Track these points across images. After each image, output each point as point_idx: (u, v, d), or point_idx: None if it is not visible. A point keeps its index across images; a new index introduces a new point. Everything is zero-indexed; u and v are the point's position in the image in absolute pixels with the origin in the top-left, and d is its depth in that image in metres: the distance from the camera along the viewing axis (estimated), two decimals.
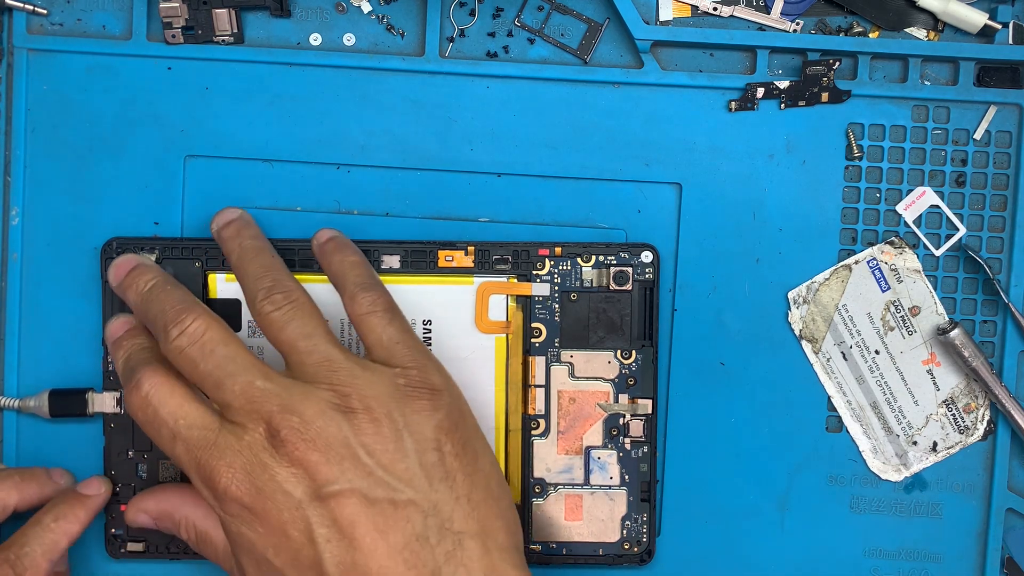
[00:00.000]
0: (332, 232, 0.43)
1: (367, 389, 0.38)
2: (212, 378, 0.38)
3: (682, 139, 0.46)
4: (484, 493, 0.39)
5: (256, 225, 0.43)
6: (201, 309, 0.39)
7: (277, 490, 0.37)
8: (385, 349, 0.40)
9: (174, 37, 0.45)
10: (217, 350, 0.38)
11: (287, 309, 0.39)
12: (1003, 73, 0.46)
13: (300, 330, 0.39)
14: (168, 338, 0.39)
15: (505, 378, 0.45)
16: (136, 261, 0.42)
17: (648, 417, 0.45)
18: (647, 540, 0.46)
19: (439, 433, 0.39)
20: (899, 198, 0.47)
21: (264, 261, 0.41)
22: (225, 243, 0.43)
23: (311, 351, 0.39)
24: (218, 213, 0.44)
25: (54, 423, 0.46)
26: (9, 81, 0.46)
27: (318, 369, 0.38)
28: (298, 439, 0.37)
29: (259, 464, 0.37)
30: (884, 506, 0.47)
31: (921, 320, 0.47)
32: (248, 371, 0.38)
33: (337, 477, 0.37)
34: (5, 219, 0.46)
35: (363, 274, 0.41)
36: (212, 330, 0.39)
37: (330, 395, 0.38)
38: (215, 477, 0.37)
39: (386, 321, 0.40)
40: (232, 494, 0.37)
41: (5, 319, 0.46)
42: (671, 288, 0.46)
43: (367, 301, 0.40)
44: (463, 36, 0.46)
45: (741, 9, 0.46)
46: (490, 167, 0.46)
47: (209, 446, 0.37)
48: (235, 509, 0.37)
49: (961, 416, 0.47)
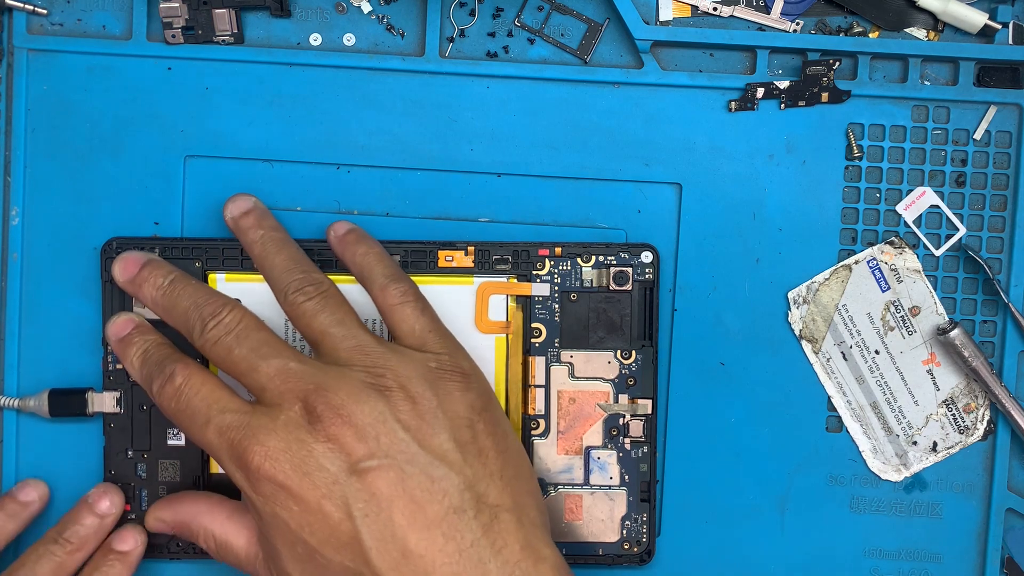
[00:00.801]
0: (350, 224, 0.44)
1: (401, 370, 0.39)
2: (247, 362, 0.39)
3: (682, 139, 0.46)
4: (515, 470, 0.40)
5: (272, 214, 0.44)
6: (232, 300, 0.40)
7: (314, 466, 0.37)
8: (417, 338, 0.41)
9: (174, 37, 0.45)
10: (252, 335, 0.39)
11: (319, 299, 0.40)
12: (1003, 73, 0.46)
13: (332, 317, 0.40)
14: (205, 329, 0.39)
15: (505, 378, 0.45)
16: (145, 257, 0.43)
17: (648, 417, 0.45)
18: (647, 540, 0.46)
19: (471, 412, 0.39)
20: (899, 198, 0.47)
21: (290, 253, 0.42)
22: (245, 233, 0.43)
23: (345, 336, 0.39)
24: (230, 200, 0.44)
25: (54, 423, 0.46)
26: (9, 81, 0.46)
27: (352, 353, 0.39)
28: (335, 415, 0.37)
29: (295, 441, 0.37)
30: (884, 506, 0.47)
31: (921, 320, 0.47)
32: (282, 354, 0.39)
33: (374, 452, 0.37)
34: (5, 219, 0.46)
35: (390, 265, 0.42)
36: (247, 318, 0.40)
37: (365, 375, 0.38)
38: (248, 456, 0.37)
39: (419, 311, 0.41)
40: (266, 472, 0.37)
41: (5, 319, 0.46)
42: (671, 288, 0.46)
43: (398, 292, 0.41)
44: (463, 36, 0.46)
45: (741, 9, 0.46)
46: (490, 167, 0.46)
47: (243, 427, 0.38)
48: (269, 489, 0.37)
49: (961, 416, 0.47)
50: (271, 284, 0.41)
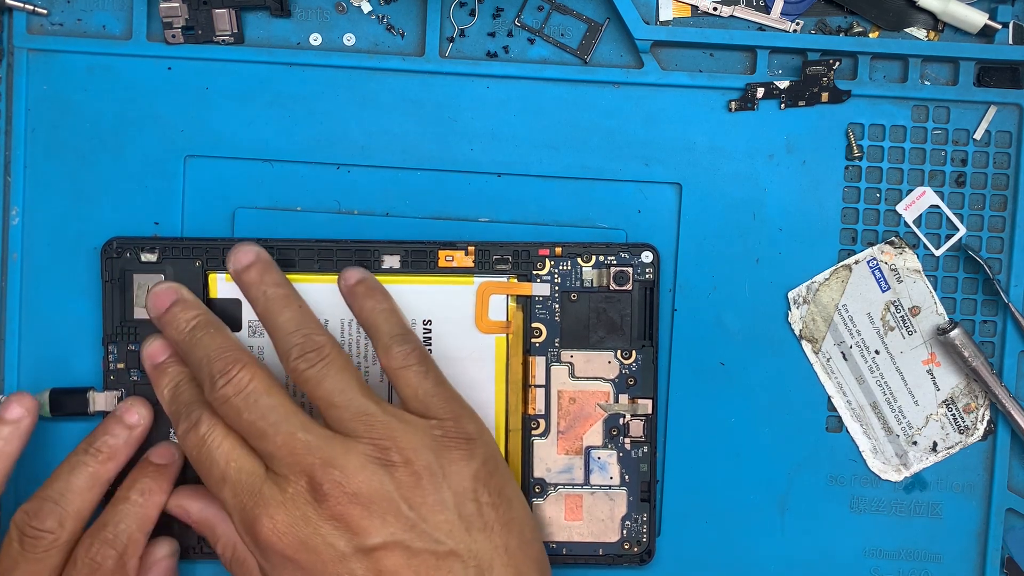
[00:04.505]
0: (361, 273, 0.44)
1: (405, 442, 0.39)
2: (256, 428, 0.39)
3: (682, 139, 0.46)
4: (519, 540, 0.40)
5: (276, 267, 0.43)
6: (246, 356, 0.40)
7: (321, 543, 0.38)
8: (421, 402, 0.41)
9: (174, 37, 0.45)
10: (261, 400, 0.39)
11: (320, 367, 0.40)
12: (1003, 73, 0.46)
13: (335, 386, 0.40)
14: (214, 387, 0.39)
15: (505, 378, 0.45)
16: (176, 294, 0.43)
17: (648, 417, 0.45)
18: (647, 540, 0.46)
19: (476, 483, 0.40)
20: (899, 198, 0.47)
21: (291, 314, 0.41)
22: (248, 289, 0.43)
23: (347, 405, 0.39)
24: (234, 251, 0.43)
25: (54, 422, 0.46)
26: (9, 81, 0.46)
27: (356, 424, 0.39)
28: (340, 493, 0.38)
29: (302, 518, 0.38)
30: (884, 506, 0.47)
31: (921, 320, 0.47)
32: (290, 422, 0.39)
33: (380, 530, 0.38)
34: (5, 219, 0.46)
35: (395, 324, 0.42)
36: (256, 379, 0.40)
37: (370, 449, 0.39)
38: (258, 527, 0.38)
39: (422, 375, 0.41)
40: (275, 546, 0.38)
41: (5, 319, 0.46)
42: (671, 288, 0.46)
43: (401, 355, 0.41)
44: (463, 36, 0.46)
45: (741, 9, 0.46)
46: (490, 167, 0.46)
47: (255, 493, 0.38)
48: (277, 560, 0.38)
49: (961, 416, 0.47)
50: (274, 344, 0.41)
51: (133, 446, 0.43)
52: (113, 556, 0.41)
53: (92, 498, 0.42)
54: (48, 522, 0.41)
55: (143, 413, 0.44)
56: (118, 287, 0.45)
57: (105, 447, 0.43)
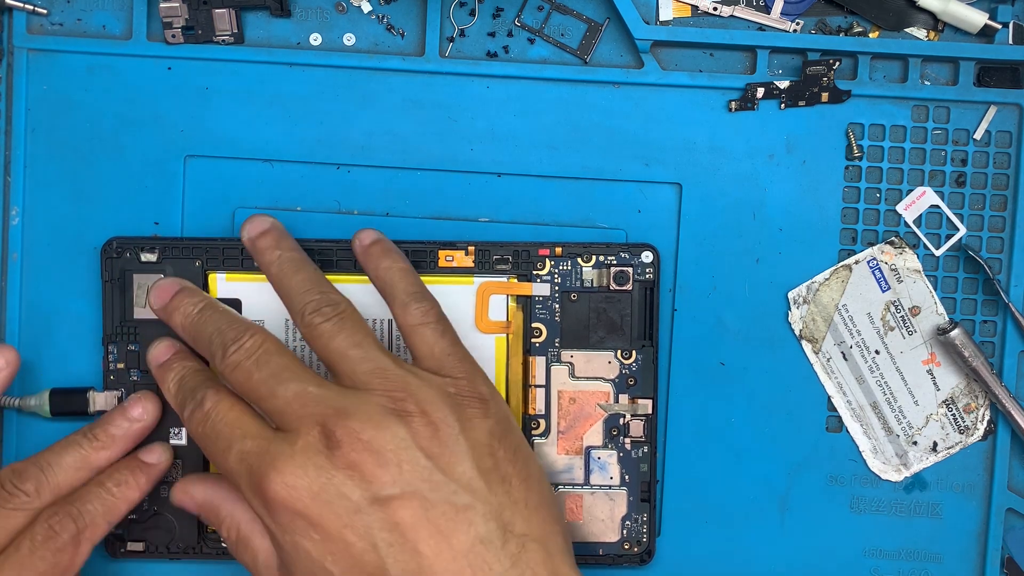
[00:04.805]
0: (376, 234, 0.43)
1: (421, 394, 0.38)
2: (266, 386, 0.38)
3: (682, 139, 0.46)
4: (539, 497, 0.39)
5: (291, 235, 0.43)
6: (255, 326, 0.40)
7: (334, 494, 0.37)
8: (436, 360, 0.40)
9: (174, 37, 0.45)
10: (272, 360, 0.39)
11: (336, 320, 0.39)
12: (1003, 73, 0.46)
13: (350, 339, 0.39)
14: (226, 354, 0.39)
15: (505, 378, 0.45)
16: (179, 284, 0.43)
17: (648, 417, 0.45)
18: (647, 540, 0.46)
19: (492, 439, 0.39)
20: (899, 198, 0.47)
21: (308, 274, 0.41)
22: (262, 254, 0.42)
23: (363, 359, 0.39)
24: (248, 220, 0.43)
25: (55, 422, 0.46)
26: (9, 81, 0.46)
27: (371, 376, 0.38)
28: (355, 440, 0.37)
29: (315, 468, 0.37)
30: (884, 506, 0.47)
31: (921, 320, 0.47)
32: (301, 378, 0.38)
33: (396, 480, 0.37)
34: (5, 219, 0.46)
35: (413, 283, 0.42)
36: (267, 342, 0.39)
37: (385, 399, 0.38)
38: (266, 484, 0.37)
39: (439, 334, 0.40)
40: (285, 501, 0.37)
41: (5, 319, 0.46)
42: (671, 288, 0.46)
43: (419, 312, 0.41)
44: (463, 36, 0.46)
45: (741, 9, 0.46)
46: (490, 167, 0.46)
47: (262, 453, 0.37)
48: (288, 517, 0.37)
49: (961, 416, 0.47)
50: (287, 305, 0.41)
51: (132, 439, 0.43)
52: (72, 530, 0.41)
53: (78, 478, 0.42)
54: (28, 484, 0.41)
55: (149, 409, 0.44)
56: (118, 287, 0.45)
57: (103, 435, 0.43)
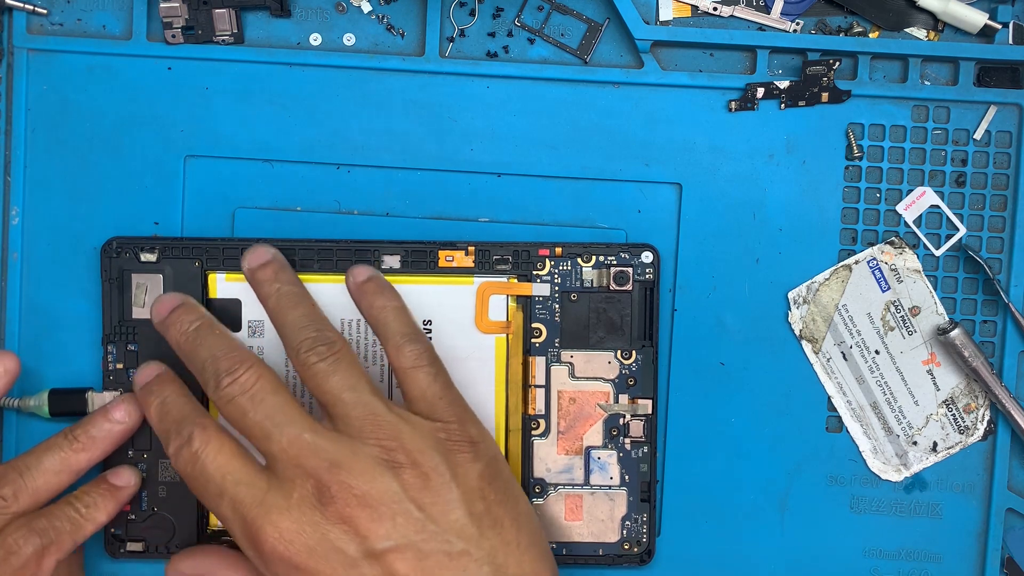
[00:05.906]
0: (370, 270, 0.43)
1: (412, 443, 0.39)
2: (261, 428, 0.38)
3: (682, 139, 0.46)
4: (529, 537, 0.40)
5: (291, 268, 0.43)
6: (252, 357, 0.40)
7: (330, 549, 0.37)
8: (428, 404, 0.40)
9: (174, 37, 0.45)
10: (267, 400, 0.39)
11: (331, 360, 0.39)
12: (1003, 73, 0.46)
13: (344, 382, 0.39)
14: (219, 386, 0.39)
15: (505, 378, 0.45)
16: (179, 300, 0.42)
17: (648, 417, 0.45)
18: (647, 540, 0.46)
19: (482, 482, 0.39)
20: (899, 198, 0.47)
21: (304, 310, 0.41)
22: (260, 286, 0.42)
23: (355, 403, 0.39)
24: (250, 250, 0.43)
25: (54, 423, 0.46)
26: (9, 81, 0.46)
27: (363, 423, 0.39)
28: (348, 495, 0.37)
29: (309, 523, 0.37)
30: (884, 506, 0.47)
31: (921, 320, 0.47)
32: (296, 423, 0.38)
33: (390, 533, 0.37)
34: (5, 219, 0.46)
35: (406, 323, 0.42)
36: (263, 379, 0.39)
37: (377, 450, 0.38)
38: (262, 537, 0.37)
39: (431, 377, 0.41)
40: (281, 554, 0.37)
41: (5, 319, 0.46)
42: (671, 288, 0.46)
43: (413, 355, 0.41)
44: (463, 36, 0.46)
45: (741, 9, 0.46)
46: (490, 167, 0.46)
47: (256, 504, 0.37)
48: (283, 570, 0.37)
49: (961, 416, 0.47)
50: (283, 339, 0.41)
51: (113, 442, 0.43)
52: (36, 545, 0.41)
53: (57, 482, 0.42)
54: (5, 489, 0.41)
55: (130, 412, 0.43)
56: (117, 287, 0.45)
57: (83, 436, 0.43)
